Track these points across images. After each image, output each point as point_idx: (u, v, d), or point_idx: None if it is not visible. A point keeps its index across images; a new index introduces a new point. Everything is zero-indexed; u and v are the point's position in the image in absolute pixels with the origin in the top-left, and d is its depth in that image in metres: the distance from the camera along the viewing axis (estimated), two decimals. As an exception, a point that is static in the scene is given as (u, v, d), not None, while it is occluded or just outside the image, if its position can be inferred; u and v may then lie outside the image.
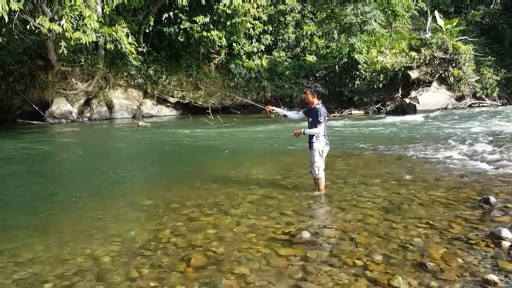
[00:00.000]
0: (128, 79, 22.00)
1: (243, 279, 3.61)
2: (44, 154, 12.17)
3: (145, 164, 10.21)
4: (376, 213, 5.19)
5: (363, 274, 3.61)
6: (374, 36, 22.95)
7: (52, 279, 3.74)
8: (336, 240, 4.37)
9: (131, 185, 7.76)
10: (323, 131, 6.05)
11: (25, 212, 6.05)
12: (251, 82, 23.03)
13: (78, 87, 20.94)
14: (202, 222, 5.13)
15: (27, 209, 6.22)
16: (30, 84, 20.17)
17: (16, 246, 4.56)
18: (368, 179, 7.02)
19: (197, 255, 4.12)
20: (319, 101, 6.16)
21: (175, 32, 20.74)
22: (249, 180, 7.34)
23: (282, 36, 23.99)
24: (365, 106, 21.40)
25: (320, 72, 22.90)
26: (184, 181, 7.62)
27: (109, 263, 4.05)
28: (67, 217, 5.80)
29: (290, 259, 3.96)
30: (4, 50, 18.57)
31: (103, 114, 21.34)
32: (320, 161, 6.14)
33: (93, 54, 20.40)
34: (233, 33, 21.39)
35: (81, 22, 12.96)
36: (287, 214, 5.31)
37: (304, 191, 6.37)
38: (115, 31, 15.32)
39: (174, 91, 22.93)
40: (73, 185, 7.91)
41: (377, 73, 21.23)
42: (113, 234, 4.85)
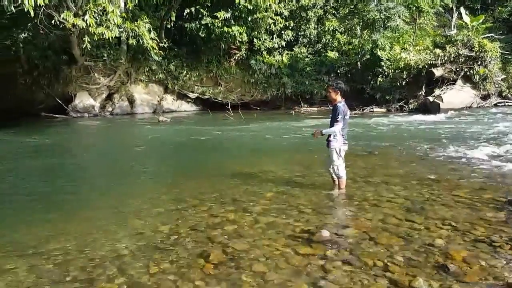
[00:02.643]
0: (149, 74, 22.21)
1: (261, 276, 3.60)
2: (67, 148, 12.41)
3: (165, 159, 10.29)
4: (397, 213, 5.11)
5: (383, 275, 3.55)
6: (397, 32, 22.55)
7: (74, 271, 3.81)
8: (356, 240, 4.32)
9: (151, 179, 7.84)
10: (340, 130, 5.97)
11: (47, 204, 6.18)
12: (271, 78, 22.95)
13: (100, 82, 21.25)
14: (221, 218, 5.14)
15: (49, 201, 6.35)
16: (54, 79, 20.57)
17: (38, 237, 4.66)
18: (390, 178, 6.91)
19: (216, 251, 4.13)
20: (342, 99, 6.04)
21: (196, 28, 20.81)
22: (268, 177, 7.32)
23: (303, 32, 23.82)
24: (387, 104, 21.09)
25: (341, 68, 22.66)
26: (204, 177, 7.65)
27: (129, 256, 4.09)
28: (89, 210, 5.90)
29: (309, 257, 3.93)
30: (29, 44, 19.01)
31: (124, 108, 21.62)
32: (338, 160, 6.08)
33: (115, 49, 20.66)
34: (254, 29, 21.34)
35: (105, 17, 13.13)
36: (306, 212, 5.27)
37: (323, 189, 6.31)
38: (137, 27, 15.47)
39: (194, 86, 23.05)
40: (94, 178, 8.04)
41: (400, 70, 20.87)
42: (133, 228, 4.91)
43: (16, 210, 5.96)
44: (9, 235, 4.89)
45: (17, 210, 5.95)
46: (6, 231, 5.08)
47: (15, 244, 4.57)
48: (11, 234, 4.94)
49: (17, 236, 4.85)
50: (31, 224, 5.28)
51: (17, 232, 4.97)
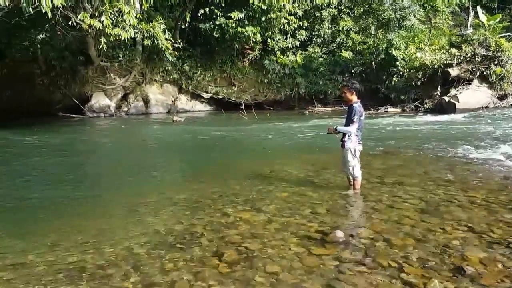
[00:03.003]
0: (164, 75, 22.36)
1: (275, 276, 3.61)
2: (84, 147, 12.58)
3: (179, 159, 10.36)
4: (413, 214, 5.06)
5: (398, 276, 3.52)
6: (412, 32, 22.29)
7: (90, 267, 3.87)
8: (370, 241, 4.29)
9: (166, 179, 7.91)
10: (355, 130, 5.93)
11: (63, 202, 6.27)
12: (285, 78, 22.90)
13: (116, 82, 21.48)
14: (235, 218, 5.15)
15: (66, 199, 6.44)
16: (71, 79, 20.86)
17: (55, 235, 4.74)
18: (405, 179, 6.85)
19: (230, 250, 4.15)
20: (358, 100, 6.00)
21: (210, 28, 20.88)
22: (282, 177, 7.32)
23: (317, 32, 23.71)
24: (402, 104, 20.86)
25: (356, 68, 22.49)
26: (217, 177, 7.69)
27: (144, 254, 4.14)
28: (105, 208, 5.98)
29: (323, 258, 3.91)
30: (47, 45, 19.32)
31: (139, 108, 21.82)
32: (353, 160, 6.04)
33: (131, 50, 20.86)
34: (268, 29, 21.31)
35: (120, 18, 13.26)
36: (321, 212, 5.26)
37: (338, 189, 6.28)
38: (153, 27, 15.60)
39: (208, 86, 23.14)
40: (111, 177, 8.14)
41: (415, 70, 20.63)
42: (148, 227, 4.96)
43: (33, 207, 6.06)
44: (26, 231, 4.98)
45: (34, 207, 6.06)
46: (23, 227, 5.18)
47: (33, 239, 4.66)
48: (28, 230, 5.03)
49: (34, 232, 4.95)
50: (47, 220, 5.38)
51: (35, 228, 5.07)
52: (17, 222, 5.44)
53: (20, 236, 4.84)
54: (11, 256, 4.20)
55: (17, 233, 4.99)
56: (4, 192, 7.05)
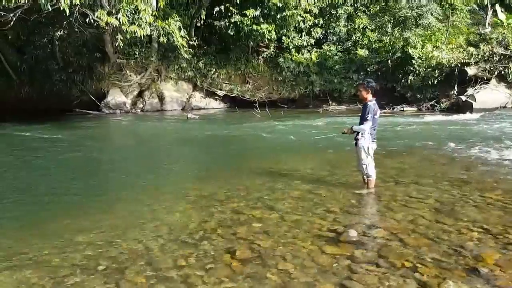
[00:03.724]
0: (179, 72, 22.50)
1: (287, 274, 3.61)
2: (100, 143, 12.76)
3: (193, 156, 10.43)
4: (427, 214, 5.01)
5: (412, 277, 3.49)
6: (429, 30, 22.00)
7: (105, 261, 3.93)
8: (384, 241, 4.26)
9: (179, 175, 7.96)
10: (369, 129, 5.90)
11: (79, 197, 6.38)
12: (299, 76, 22.83)
13: (132, 79, 21.70)
14: (247, 215, 5.17)
15: (81, 194, 6.54)
16: (88, 75, 21.14)
17: (72, 229, 4.81)
18: (420, 178, 6.78)
19: (242, 248, 4.16)
20: (373, 98, 5.96)
21: (226, 26, 20.93)
22: (295, 175, 7.31)
23: (333, 30, 23.58)
24: (418, 102, 20.65)
25: (371, 66, 22.31)
26: (230, 174, 7.72)
27: (158, 250, 4.18)
28: (119, 204, 6.05)
29: (336, 257, 3.90)
30: (64, 42, 19.62)
31: (154, 105, 22.02)
32: (367, 159, 6.00)
33: (146, 47, 21.03)
34: (283, 27, 21.27)
35: (137, 15, 13.37)
36: (334, 211, 5.24)
37: (351, 188, 6.25)
38: (168, 25, 15.69)
39: (222, 84, 23.20)
40: (126, 173, 8.22)
41: (432, 68, 20.38)
42: (162, 223, 5.01)
43: (50, 202, 6.17)
44: (44, 225, 5.07)
45: (51, 202, 6.16)
46: (41, 221, 5.28)
47: (48, 234, 4.75)
48: (46, 224, 5.13)
49: (51, 226, 5.04)
50: (63, 215, 5.47)
51: (52, 223, 5.16)
52: (33, 216, 5.53)
53: (36, 230, 4.94)
54: (28, 250, 4.28)
55: (33, 227, 5.08)
56: (21, 186, 7.20)
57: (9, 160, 9.62)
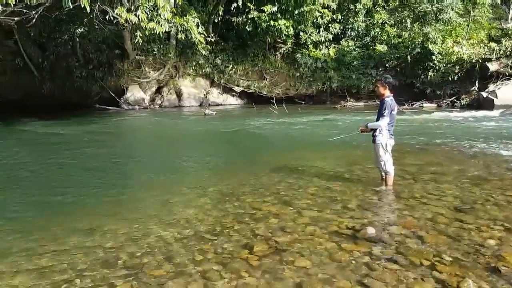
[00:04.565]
0: (196, 68, 22.62)
1: (304, 271, 3.61)
2: (120, 138, 12.94)
3: (210, 151, 10.48)
4: (447, 212, 4.95)
5: (430, 275, 3.47)
6: (450, 25, 21.61)
7: (124, 256, 3.99)
8: (402, 238, 4.23)
9: (196, 171, 8.01)
10: (386, 125, 5.85)
11: (100, 192, 6.47)
12: (317, 72, 22.70)
13: (150, 76, 21.91)
14: (264, 211, 5.18)
15: (102, 189, 6.64)
16: (107, 72, 21.43)
17: (91, 224, 4.90)
18: (440, 176, 6.69)
19: (259, 243, 4.18)
20: (391, 94, 5.92)
21: (243, 22, 20.92)
22: (312, 172, 7.29)
23: (351, 25, 23.36)
24: (438, 99, 20.33)
25: (390, 62, 22.05)
26: (248, 170, 7.74)
27: (176, 245, 4.23)
28: (139, 199, 6.14)
29: (354, 254, 3.89)
30: (85, 39, 19.90)
31: (172, 101, 22.20)
32: (385, 155, 5.95)
33: (165, 44, 21.19)
34: (301, 22, 21.15)
35: (155, 12, 13.47)
36: (351, 208, 5.22)
37: (369, 185, 6.21)
38: (186, 21, 15.75)
39: (239, 80, 23.24)
40: (144, 169, 8.31)
41: (452, 64, 20.03)
42: (180, 218, 5.06)
43: (71, 197, 6.28)
44: (64, 218, 5.18)
45: (72, 197, 6.28)
46: (62, 214, 5.40)
47: (70, 227, 4.84)
48: (66, 217, 5.24)
49: (72, 220, 5.14)
50: (83, 209, 5.57)
51: (73, 216, 5.27)
52: (54, 209, 5.66)
53: (57, 223, 5.04)
54: (49, 242, 4.39)
55: (54, 220, 5.19)
56: (43, 181, 7.36)
57: (32, 156, 9.83)
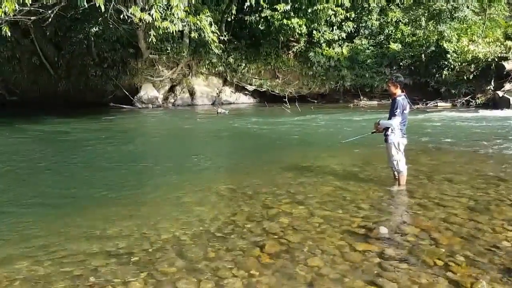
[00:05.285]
0: (209, 67, 22.71)
1: (316, 270, 3.61)
2: (134, 136, 13.07)
3: (223, 150, 10.53)
4: (461, 213, 4.89)
5: (444, 275, 3.43)
6: (465, 23, 21.31)
7: (137, 253, 4.04)
8: (415, 238, 4.19)
9: (209, 169, 8.06)
10: (398, 124, 5.81)
11: (113, 190, 6.55)
12: (330, 71, 22.59)
13: (164, 74, 22.07)
14: (276, 210, 5.18)
15: (115, 185, 6.72)
16: (121, 71, 21.68)
17: (105, 221, 4.96)
18: (454, 176, 6.61)
19: (271, 242, 4.18)
20: (403, 93, 5.89)
21: (256, 21, 20.92)
22: (324, 171, 7.28)
23: (365, 23, 23.18)
24: (453, 98, 20.07)
25: (404, 61, 21.83)
26: (260, 169, 7.74)
27: (188, 242, 4.26)
28: (150, 197, 6.18)
29: (366, 254, 3.87)
30: (100, 38, 20.15)
31: (185, 100, 22.34)
32: (398, 155, 5.91)
33: (178, 43, 21.32)
34: (314, 21, 21.07)
35: (169, 11, 13.56)
36: (364, 207, 5.19)
37: (382, 185, 6.17)
38: (200, 20, 15.81)
39: (252, 79, 23.26)
40: (157, 167, 8.38)
41: (467, 63, 19.76)
42: (192, 216, 5.09)
43: (87, 193, 6.38)
44: (79, 214, 5.25)
45: (87, 193, 6.37)
46: (77, 210, 5.48)
47: (85, 223, 4.92)
48: (81, 214, 5.32)
49: (86, 216, 5.22)
50: (98, 207, 5.64)
51: (87, 213, 5.35)
52: (69, 206, 5.74)
53: (72, 219, 5.12)
54: (65, 238, 4.46)
55: (69, 215, 5.27)
56: (59, 178, 7.48)
57: (49, 153, 10.00)
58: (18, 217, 5.24)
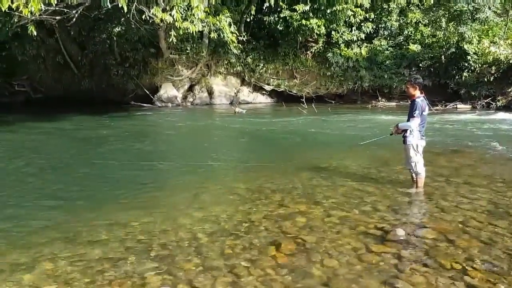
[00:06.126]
0: (228, 67, 22.82)
1: (332, 270, 3.63)
2: (154, 135, 13.27)
3: (240, 149, 10.59)
4: (480, 216, 4.84)
5: (461, 279, 3.41)
6: (487, 25, 20.93)
7: (156, 248, 4.13)
8: (433, 241, 4.17)
9: (226, 168, 8.12)
10: (417, 126, 5.77)
11: (133, 186, 6.68)
12: (348, 72, 22.45)
13: (183, 74, 22.29)
14: (292, 209, 5.22)
15: (135, 184, 6.84)
16: (142, 70, 21.97)
17: (126, 218, 5.07)
18: (473, 179, 6.54)
19: (287, 241, 4.22)
20: (422, 94, 5.85)
21: (275, 21, 20.94)
22: (341, 171, 7.27)
23: (384, 24, 22.96)
24: (473, 100, 19.75)
25: (424, 62, 21.55)
26: (277, 168, 7.77)
27: (205, 240, 4.32)
28: (169, 195, 6.29)
29: (382, 255, 3.87)
30: (122, 38, 20.47)
31: (203, 99, 22.53)
32: (416, 156, 5.87)
33: (198, 43, 21.48)
34: (333, 21, 20.95)
35: (189, 12, 13.70)
36: (381, 209, 5.18)
37: (400, 186, 6.14)
38: (219, 21, 15.92)
39: (270, 79, 23.29)
40: (175, 165, 8.48)
41: (488, 65, 19.41)
42: (209, 213, 5.16)
43: (108, 190, 6.51)
44: (100, 214, 5.37)
45: (108, 190, 6.51)
46: (97, 206, 5.61)
47: (106, 218, 5.04)
48: (102, 209, 5.44)
49: (107, 211, 5.35)
50: (117, 204, 5.76)
51: (108, 209, 5.47)
52: (90, 201, 5.88)
53: (94, 214, 5.24)
54: (86, 233, 4.58)
55: (91, 211, 5.39)
56: (80, 175, 7.65)
57: (73, 151, 10.21)
58: (39, 211, 5.42)
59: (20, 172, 7.83)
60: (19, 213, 5.34)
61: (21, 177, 7.41)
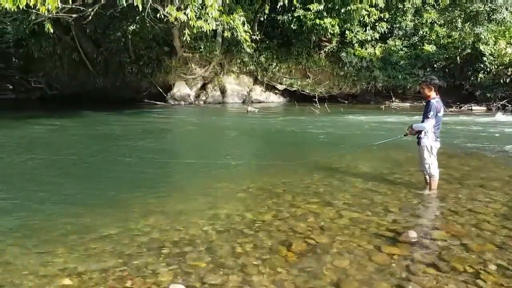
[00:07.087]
0: (240, 66, 22.88)
1: (343, 271, 3.62)
2: (167, 132, 13.38)
3: (252, 148, 10.61)
4: (493, 220, 4.78)
5: (473, 283, 3.38)
6: (503, 25, 20.63)
7: (168, 245, 4.16)
8: (445, 244, 4.13)
9: (238, 167, 8.13)
10: (432, 127, 5.72)
11: (145, 184, 6.72)
12: (362, 71, 22.34)
13: (196, 72, 22.41)
14: (303, 209, 5.21)
15: (148, 183, 6.89)
16: (156, 68, 22.14)
17: (138, 215, 5.12)
18: (487, 182, 6.45)
19: (298, 241, 4.22)
20: (437, 95, 5.79)
21: (288, 20, 20.93)
22: (353, 172, 7.24)
23: (399, 24, 22.79)
24: (488, 102, 19.49)
25: (438, 63, 21.34)
26: (288, 167, 7.74)
27: (216, 238, 4.34)
28: (181, 193, 6.33)
29: (394, 257, 3.85)
30: (136, 36, 20.68)
31: (216, 98, 22.62)
32: (430, 158, 5.82)
33: (211, 42, 21.58)
34: (347, 21, 20.87)
35: (203, 11, 13.76)
36: (393, 211, 5.15)
37: (413, 188, 6.09)
38: (233, 20, 15.97)
39: (282, 78, 23.28)
40: (187, 163, 8.52)
41: (504, 66, 19.14)
42: (221, 212, 5.18)
43: (122, 188, 6.58)
44: (112, 210, 5.43)
45: (122, 188, 6.57)
46: (110, 202, 5.67)
47: (120, 216, 5.09)
48: (114, 209, 5.49)
49: (120, 209, 5.39)
50: (128, 201, 5.81)
51: (120, 207, 5.52)
52: (104, 197, 5.94)
53: (107, 210, 5.30)
54: (100, 229, 4.63)
55: (104, 207, 5.45)
56: (95, 172, 7.74)
57: (89, 149, 10.34)
58: (54, 205, 5.50)
59: (38, 168, 7.95)
60: (34, 207, 5.43)
61: (39, 173, 7.55)
